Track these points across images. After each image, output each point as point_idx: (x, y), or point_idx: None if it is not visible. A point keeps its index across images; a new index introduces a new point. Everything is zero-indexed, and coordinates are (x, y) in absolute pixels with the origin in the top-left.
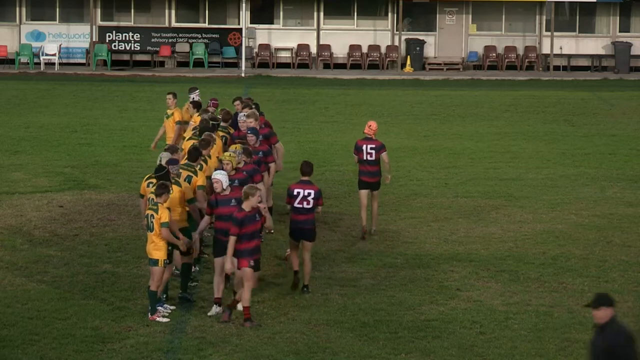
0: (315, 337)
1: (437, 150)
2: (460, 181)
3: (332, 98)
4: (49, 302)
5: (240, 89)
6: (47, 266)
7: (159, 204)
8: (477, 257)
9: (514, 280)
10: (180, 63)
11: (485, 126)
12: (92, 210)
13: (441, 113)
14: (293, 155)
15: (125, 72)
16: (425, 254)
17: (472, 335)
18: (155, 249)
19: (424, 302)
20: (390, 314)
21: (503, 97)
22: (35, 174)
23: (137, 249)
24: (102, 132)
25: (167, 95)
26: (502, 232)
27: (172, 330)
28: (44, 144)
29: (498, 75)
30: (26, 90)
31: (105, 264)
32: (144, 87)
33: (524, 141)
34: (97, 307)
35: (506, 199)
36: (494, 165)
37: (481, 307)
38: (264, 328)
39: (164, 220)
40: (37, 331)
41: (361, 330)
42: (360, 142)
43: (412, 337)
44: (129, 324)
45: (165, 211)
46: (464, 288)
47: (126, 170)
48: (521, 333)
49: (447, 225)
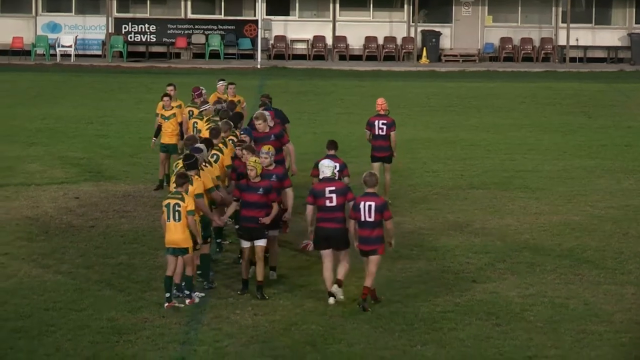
0: (331, 329)
1: (453, 142)
2: (476, 173)
3: (348, 90)
4: (65, 294)
5: (256, 81)
6: (63, 257)
7: (183, 193)
8: (493, 249)
9: (530, 271)
10: (196, 54)
11: (502, 118)
12: (108, 202)
13: (457, 105)
14: (309, 146)
15: (141, 63)
16: (441, 245)
17: (488, 327)
18: (184, 237)
19: (439, 293)
20: (406, 306)
21: (519, 89)
22: (52, 166)
23: (153, 240)
24: (118, 123)
25: (167, 87)
26: (518, 224)
27: (188, 321)
28: (60, 136)
29: (514, 67)
30: (42, 82)
31: (121, 255)
32: (160, 79)
33: (540, 133)
34: (113, 299)
35: (522, 190)
36: (510, 157)
37: (497, 299)
38: (280, 320)
39: (190, 209)
40: (53, 322)
41: (377, 322)
42: (372, 119)
43: (427, 329)
44: (145, 316)
45: (191, 199)
46: (480, 280)
47: (142, 161)
48: (537, 325)
49: (463, 216)
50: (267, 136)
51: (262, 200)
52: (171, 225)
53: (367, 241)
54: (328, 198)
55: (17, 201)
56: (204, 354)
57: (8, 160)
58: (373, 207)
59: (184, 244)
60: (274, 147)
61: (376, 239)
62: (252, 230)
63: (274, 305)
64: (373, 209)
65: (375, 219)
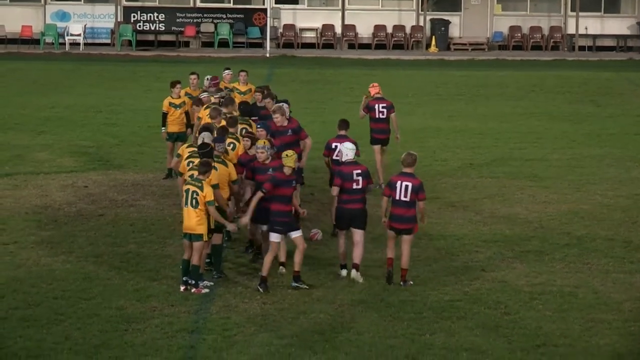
0: (340, 317)
1: (462, 131)
2: (485, 161)
3: (357, 78)
4: (74, 282)
5: (265, 69)
6: (72, 246)
7: (203, 182)
8: (501, 238)
9: (539, 260)
10: (205, 43)
11: (510, 106)
12: (116, 191)
13: (466, 93)
14: (317, 135)
15: (150, 52)
16: (450, 234)
17: (497, 316)
18: (199, 223)
19: (448, 282)
20: (414, 294)
21: (528, 78)
22: (60, 154)
23: (162, 229)
24: (127, 112)
25: (191, 76)
26: (527, 213)
27: (197, 310)
28: (68, 124)
29: (523, 56)
30: (51, 70)
31: (130, 244)
32: (169, 68)
33: (549, 121)
34: (122, 287)
35: (531, 179)
36: (519, 146)
37: (506, 288)
38: (289, 308)
39: (210, 198)
40: (62, 311)
41: (386, 311)
42: (372, 102)
43: (436, 318)
44: (154, 304)
45: (210, 189)
46: (488, 268)
47: (151, 150)
48: (546, 314)
49: (471, 205)
50: (285, 130)
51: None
52: (187, 211)
53: (402, 219)
54: (355, 181)
55: (26, 190)
56: (212, 342)
57: (17, 148)
58: (410, 187)
59: (198, 230)
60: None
61: (411, 218)
62: (285, 224)
63: (283, 294)
64: (410, 189)
65: (411, 198)
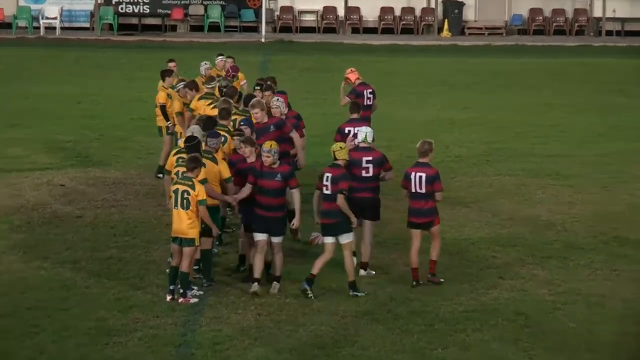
0: (343, 330)
1: (477, 124)
2: (503, 158)
3: (362, 66)
4: (50, 291)
5: (260, 56)
6: (48, 251)
7: (194, 180)
8: (521, 242)
9: (563, 267)
10: (194, 27)
11: (531, 97)
12: (96, 190)
13: (482, 83)
14: (318, 129)
15: (133, 37)
16: (465, 238)
17: (516, 328)
18: (191, 227)
19: (462, 291)
20: (425, 305)
21: (550, 65)
22: (35, 150)
23: (146, 232)
24: (108, 103)
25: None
26: (549, 214)
27: (185, 322)
28: (44, 117)
29: (545, 41)
30: (24, 57)
31: (111, 249)
32: (154, 54)
33: (574, 114)
34: (101, 297)
35: (554, 177)
36: (541, 140)
37: (526, 297)
38: (287, 320)
39: (202, 197)
40: (37, 323)
41: (393, 323)
42: (360, 88)
43: (449, 330)
44: (137, 316)
45: (202, 188)
46: (507, 276)
47: (134, 145)
48: (570, 326)
49: (488, 206)
50: (266, 127)
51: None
52: (178, 213)
53: (421, 213)
54: (365, 168)
55: None
56: (202, 357)
57: None
58: (424, 178)
59: (190, 234)
60: (275, 139)
61: (430, 211)
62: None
63: (280, 304)
64: (424, 180)
65: (427, 190)
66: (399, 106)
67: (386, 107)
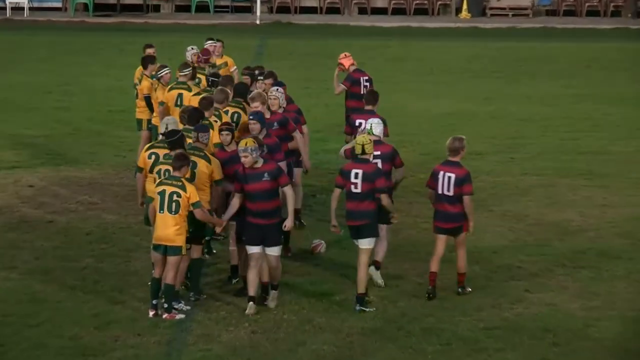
0: (348, 350)
1: (500, 117)
2: (529, 155)
3: (370, 51)
4: (17, 305)
5: (255, 40)
6: (15, 260)
7: (183, 180)
8: (550, 250)
9: (596, 278)
10: (179, 7)
11: (561, 86)
12: (70, 191)
13: (505, 70)
14: (320, 122)
15: (111, 19)
16: (486, 245)
17: (544, 347)
18: (178, 233)
19: (483, 306)
20: (441, 321)
21: (582, 51)
22: (0, 146)
23: (126, 239)
24: (83, 93)
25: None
26: (581, 219)
27: (170, 340)
28: (10, 109)
29: (576, 23)
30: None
31: (87, 258)
32: (135, 38)
33: (609, 105)
34: (76, 312)
35: (586, 177)
36: (571, 136)
37: (555, 313)
38: (284, 338)
39: (195, 199)
40: (2, 341)
41: (405, 341)
42: (356, 75)
43: (468, 350)
44: (116, 333)
45: (193, 188)
46: (533, 289)
47: (113, 141)
48: (604, 344)
49: (512, 209)
50: (269, 123)
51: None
52: (164, 217)
53: (449, 217)
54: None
55: None
56: None
57: None
58: (453, 179)
59: (177, 241)
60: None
61: (459, 215)
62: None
63: (277, 321)
64: (452, 181)
65: (455, 192)
66: (411, 97)
67: (397, 98)
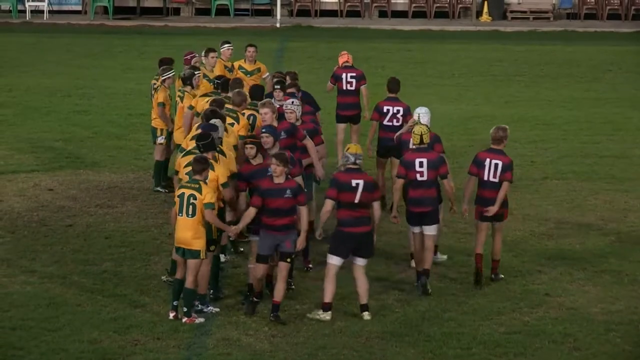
0: (368, 354)
1: (521, 120)
2: (550, 159)
3: (390, 54)
4: (36, 309)
5: (275, 43)
6: (34, 264)
7: (201, 182)
8: (570, 254)
9: (617, 282)
10: (199, 10)
11: (582, 90)
12: (89, 195)
13: (526, 73)
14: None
15: (131, 22)
16: (506, 250)
17: (564, 352)
18: (196, 237)
19: (504, 310)
20: (461, 325)
21: (603, 54)
22: (19, 150)
23: (145, 243)
24: (102, 96)
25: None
26: (602, 223)
27: (190, 344)
28: (29, 112)
29: (597, 27)
30: (8, 44)
31: (106, 261)
32: (155, 41)
33: (631, 109)
34: (95, 316)
35: (607, 181)
36: (593, 139)
37: (575, 317)
38: (304, 343)
39: (208, 200)
40: (22, 345)
41: (425, 346)
42: (339, 71)
43: (488, 354)
44: (135, 337)
45: (210, 190)
46: (554, 293)
47: (131, 145)
48: (625, 348)
49: (533, 213)
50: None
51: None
52: (182, 220)
53: (492, 204)
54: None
55: None
56: None
57: None
58: (500, 166)
59: (195, 245)
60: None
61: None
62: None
63: (296, 325)
64: (500, 168)
65: (500, 179)
66: (432, 100)
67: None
